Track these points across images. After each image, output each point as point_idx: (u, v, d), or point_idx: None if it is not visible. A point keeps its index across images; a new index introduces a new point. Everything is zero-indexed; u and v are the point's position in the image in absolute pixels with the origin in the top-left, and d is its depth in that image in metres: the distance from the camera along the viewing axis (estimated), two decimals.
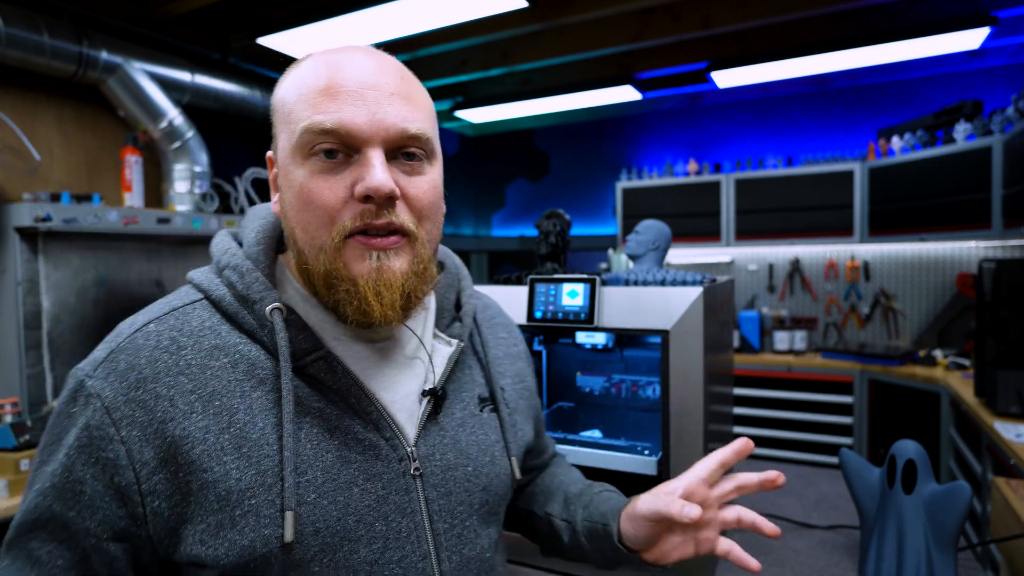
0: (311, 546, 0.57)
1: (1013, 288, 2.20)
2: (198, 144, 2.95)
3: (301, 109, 0.59)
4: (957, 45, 3.06)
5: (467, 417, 0.71)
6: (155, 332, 0.59)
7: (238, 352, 0.60)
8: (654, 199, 4.16)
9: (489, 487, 0.70)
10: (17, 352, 2.33)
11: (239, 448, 0.56)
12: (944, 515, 1.00)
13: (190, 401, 0.56)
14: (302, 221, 0.59)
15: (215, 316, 0.61)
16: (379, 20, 2.68)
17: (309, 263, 0.60)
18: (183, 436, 0.55)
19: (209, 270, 0.64)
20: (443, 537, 0.64)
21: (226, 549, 0.54)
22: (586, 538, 0.78)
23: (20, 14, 2.29)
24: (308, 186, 0.58)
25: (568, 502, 0.82)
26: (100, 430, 0.55)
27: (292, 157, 0.59)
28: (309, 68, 0.61)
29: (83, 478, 0.55)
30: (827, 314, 3.94)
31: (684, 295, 1.08)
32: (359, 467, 0.61)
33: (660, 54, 3.68)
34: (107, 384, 0.56)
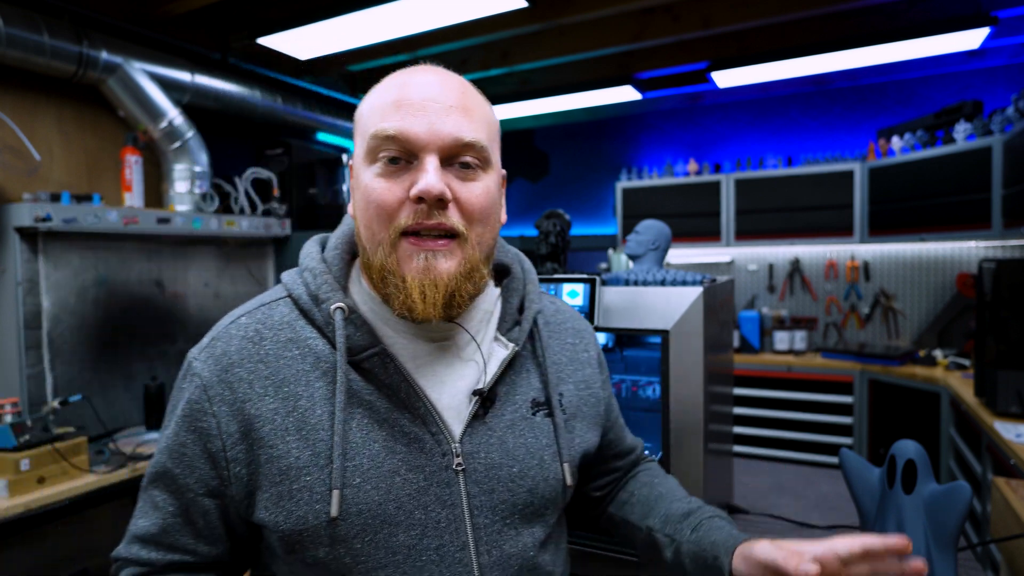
0: (354, 524, 0.63)
1: (1013, 288, 2.20)
2: (198, 144, 2.95)
3: (372, 119, 0.66)
4: (957, 45, 3.06)
5: (517, 420, 0.73)
6: (245, 324, 0.69)
7: (307, 345, 0.68)
8: (654, 199, 4.16)
9: (535, 489, 0.72)
10: (17, 352, 2.33)
11: (300, 430, 0.64)
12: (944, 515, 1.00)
13: (265, 386, 0.65)
14: (365, 218, 0.66)
15: (294, 312, 0.70)
16: (379, 20, 2.68)
17: (369, 258, 0.67)
18: (256, 415, 0.64)
19: (295, 272, 0.73)
20: (483, 531, 0.68)
21: (284, 516, 0.63)
22: (690, 561, 0.76)
23: (20, 14, 2.29)
24: (372, 186, 0.65)
25: (671, 519, 0.82)
26: (198, 404, 0.66)
27: (362, 161, 0.67)
28: (384, 85, 0.68)
29: (186, 442, 0.66)
30: (827, 314, 3.94)
31: (684, 295, 1.08)
32: (403, 458, 0.66)
33: (660, 54, 3.67)
34: (206, 366, 0.67)
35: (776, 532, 1.36)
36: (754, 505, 1.49)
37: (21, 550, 1.92)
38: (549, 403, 0.76)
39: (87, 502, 2.02)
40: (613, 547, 1.17)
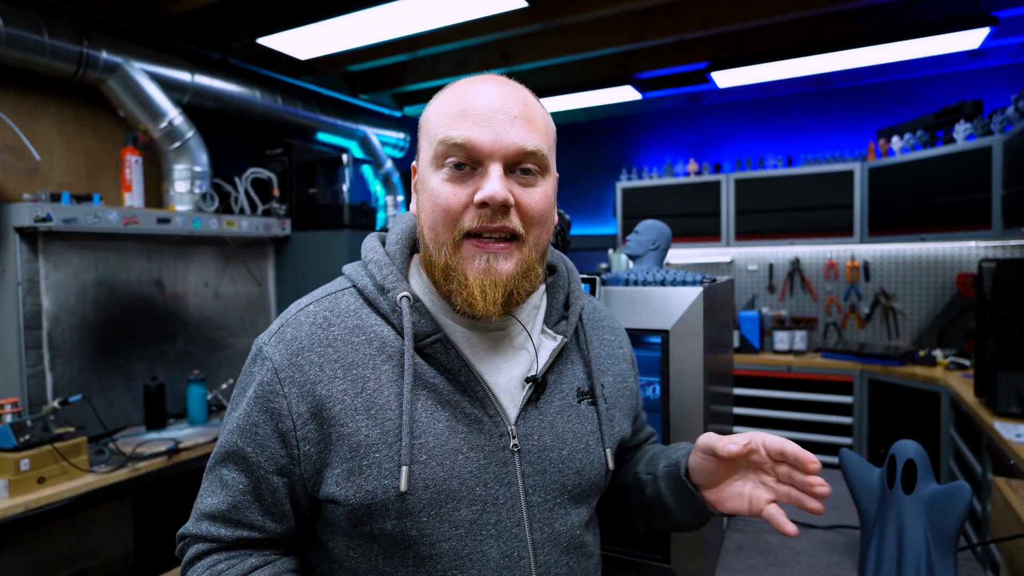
0: (421, 499, 0.67)
1: (1013, 288, 2.20)
2: (198, 144, 2.95)
3: (439, 126, 0.70)
4: (957, 45, 3.06)
5: (565, 407, 0.78)
6: (313, 311, 0.74)
7: (373, 332, 0.72)
8: (654, 199, 4.16)
9: (582, 471, 0.77)
10: (17, 352, 2.33)
11: (368, 410, 0.68)
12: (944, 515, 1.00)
13: (334, 368, 0.70)
14: (431, 219, 0.70)
15: (359, 301, 0.75)
16: (379, 20, 2.68)
17: (433, 257, 0.71)
18: (327, 396, 0.68)
19: (358, 264, 0.78)
20: (536, 509, 0.73)
21: (355, 491, 0.67)
22: (665, 483, 0.83)
23: (20, 14, 2.29)
24: (439, 190, 0.69)
25: (651, 461, 0.89)
26: (270, 386, 0.70)
27: (429, 165, 0.71)
28: (450, 94, 0.72)
29: (258, 422, 0.70)
30: (827, 314, 3.94)
31: (684, 295, 1.08)
32: (464, 437, 0.70)
33: (660, 54, 3.67)
34: (276, 350, 0.71)
35: (776, 532, 1.36)
36: None
37: (21, 550, 1.92)
38: (593, 392, 0.81)
39: (87, 502, 2.02)
40: (620, 549, 1.17)
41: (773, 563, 1.22)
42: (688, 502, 0.80)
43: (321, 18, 2.63)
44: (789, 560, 1.23)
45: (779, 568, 1.20)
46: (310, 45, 2.98)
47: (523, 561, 0.71)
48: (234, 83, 3.15)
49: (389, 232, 0.81)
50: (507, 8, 2.59)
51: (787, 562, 1.22)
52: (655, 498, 0.85)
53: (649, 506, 0.86)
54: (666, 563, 1.11)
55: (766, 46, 3.43)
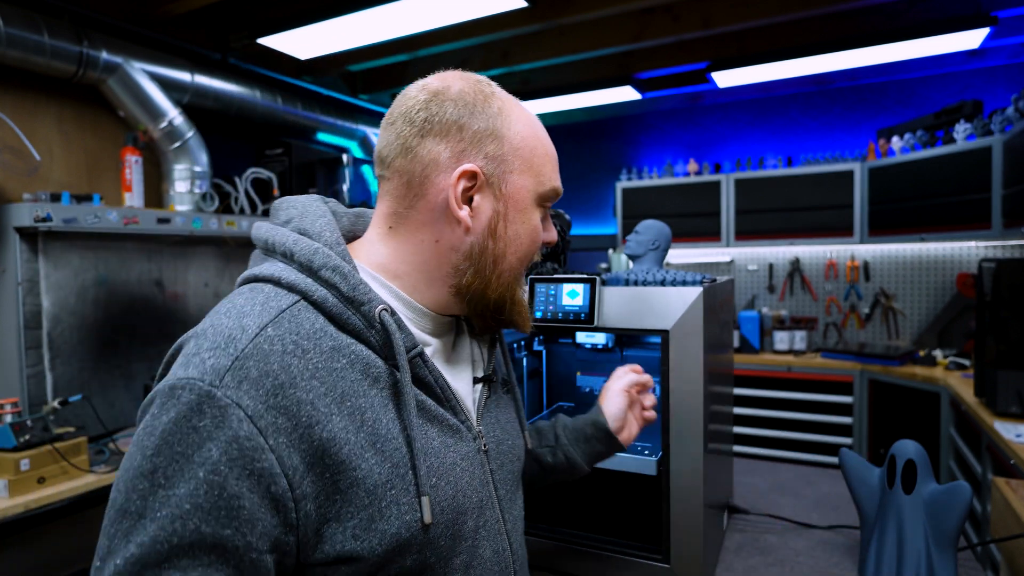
0: (440, 523, 0.64)
1: (1013, 288, 2.20)
2: (198, 144, 2.95)
3: (548, 167, 0.74)
4: (957, 45, 3.06)
5: (499, 398, 0.82)
6: (277, 337, 0.58)
7: (352, 352, 0.62)
8: (654, 199, 4.16)
9: (520, 456, 0.83)
10: (17, 352, 2.33)
11: (374, 444, 0.60)
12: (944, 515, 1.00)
13: (327, 403, 0.58)
14: (522, 253, 0.72)
15: (319, 318, 0.62)
16: (379, 20, 2.68)
17: (489, 286, 0.70)
18: (330, 439, 0.57)
19: (293, 269, 0.64)
20: (503, 501, 0.75)
21: (379, 539, 0.59)
22: (573, 445, 0.99)
23: (20, 14, 2.29)
24: (539, 228, 0.74)
25: (540, 433, 1.01)
26: (251, 440, 0.53)
27: (532, 200, 0.72)
28: (540, 129, 0.74)
29: (239, 492, 0.53)
30: (827, 314, 3.94)
31: (684, 295, 1.08)
32: (454, 449, 0.69)
33: (660, 54, 3.67)
34: (243, 393, 0.54)
35: (776, 532, 1.36)
36: (754, 505, 1.49)
37: (21, 550, 1.92)
38: (509, 381, 0.86)
39: (87, 502, 2.02)
40: (619, 549, 1.17)
41: (773, 563, 1.22)
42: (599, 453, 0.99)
43: (321, 18, 2.63)
44: (789, 560, 1.23)
45: (779, 568, 1.20)
46: (310, 45, 2.98)
47: (505, 553, 0.74)
48: (234, 83, 3.15)
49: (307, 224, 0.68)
50: (507, 8, 2.59)
51: (787, 562, 1.22)
52: (558, 463, 0.98)
53: (545, 472, 0.99)
54: (666, 563, 1.11)
55: (766, 46, 3.43)
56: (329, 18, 2.62)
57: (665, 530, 1.10)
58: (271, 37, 2.87)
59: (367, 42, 3.00)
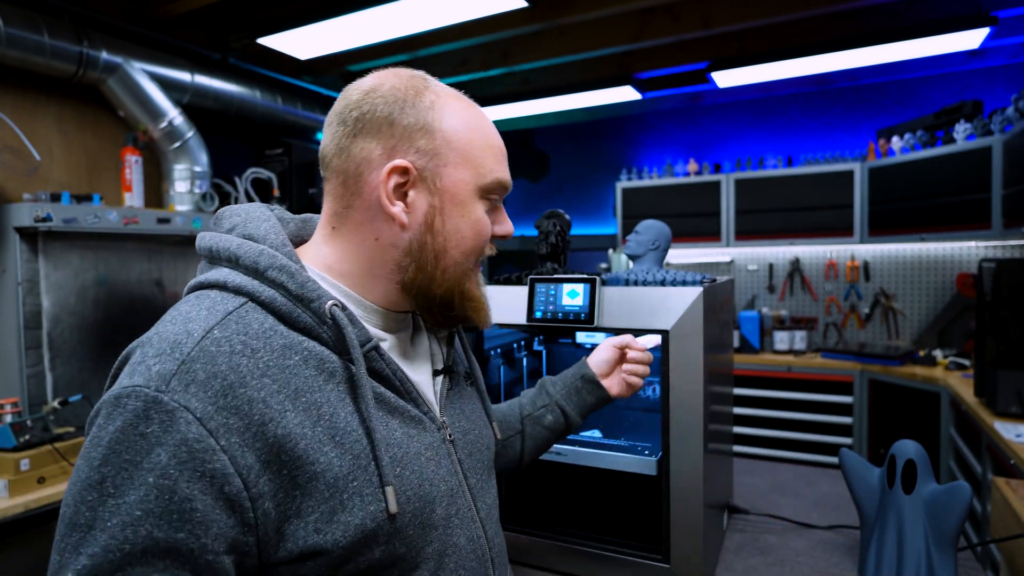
0: (406, 512, 0.64)
1: (1013, 288, 2.20)
2: (198, 144, 2.95)
3: (489, 159, 0.72)
4: (957, 45, 3.06)
5: (462, 390, 0.83)
6: (224, 338, 0.58)
7: (304, 350, 0.63)
8: (654, 199, 4.16)
9: (489, 446, 0.84)
10: (17, 352, 2.33)
11: (333, 438, 0.61)
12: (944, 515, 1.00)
13: (280, 400, 0.59)
14: (465, 246, 0.71)
15: (268, 318, 0.63)
16: (379, 20, 2.68)
17: (435, 281, 0.70)
18: (285, 435, 0.57)
19: (239, 273, 0.65)
20: (475, 489, 0.76)
21: (342, 532, 0.59)
22: (566, 401, 1.04)
23: (20, 14, 2.29)
24: (484, 221, 0.72)
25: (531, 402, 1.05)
26: (200, 442, 0.53)
27: (473, 193, 0.71)
28: (480, 120, 0.73)
29: (191, 495, 0.53)
30: (827, 314, 3.94)
31: (684, 295, 1.08)
32: (418, 439, 0.69)
33: (660, 54, 3.67)
34: (191, 396, 0.54)
35: (776, 532, 1.36)
36: (754, 505, 1.49)
37: (21, 550, 1.92)
38: (472, 374, 0.88)
39: None
40: (619, 549, 1.17)
41: (773, 563, 1.22)
42: (590, 404, 1.04)
43: (321, 18, 2.63)
44: (789, 560, 1.23)
45: (779, 568, 1.20)
46: (310, 45, 2.98)
47: (480, 540, 0.74)
48: (234, 83, 3.15)
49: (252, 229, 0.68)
50: (507, 8, 2.59)
51: (787, 562, 1.22)
52: (554, 422, 1.03)
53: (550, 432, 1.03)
54: (666, 563, 1.11)
55: (766, 46, 3.43)
56: (329, 18, 2.62)
57: (665, 530, 1.10)
58: (271, 37, 2.87)
59: (367, 42, 3.00)
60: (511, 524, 1.27)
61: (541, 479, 1.30)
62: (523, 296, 1.22)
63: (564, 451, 1.23)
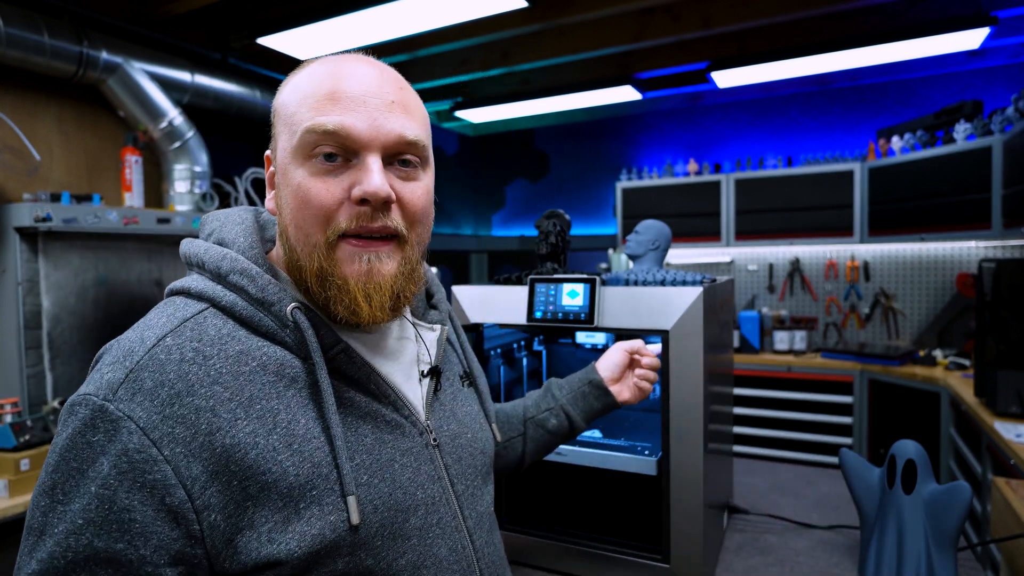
0: (373, 523, 0.61)
1: (1013, 288, 2.20)
2: (198, 144, 2.95)
3: (303, 112, 0.62)
4: (957, 45, 3.06)
5: (456, 392, 0.80)
6: (175, 346, 0.57)
7: (264, 355, 0.61)
8: (654, 199, 4.16)
9: (485, 450, 0.80)
10: (17, 352, 2.33)
11: (290, 446, 0.58)
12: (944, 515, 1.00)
13: (231, 409, 0.57)
14: (297, 219, 0.62)
15: (228, 323, 0.61)
16: (379, 20, 2.68)
17: (301, 261, 0.63)
18: (234, 444, 0.56)
19: (204, 278, 0.64)
20: (463, 497, 0.73)
21: (297, 541, 0.56)
22: (572, 406, 1.01)
23: (20, 14, 2.29)
24: (306, 186, 0.61)
25: (535, 401, 1.03)
26: (141, 452, 0.53)
27: (292, 157, 0.62)
28: (313, 74, 0.64)
29: (130, 506, 0.52)
30: (827, 314, 3.94)
31: (684, 295, 1.08)
32: (393, 444, 0.66)
33: (660, 54, 3.68)
34: (136, 405, 0.54)
35: (776, 532, 1.36)
36: (754, 505, 1.49)
37: None
38: (471, 375, 0.85)
39: None
40: (619, 549, 1.17)
41: (773, 563, 1.22)
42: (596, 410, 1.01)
43: (321, 18, 2.63)
44: (789, 560, 1.23)
45: (779, 568, 1.20)
46: (310, 45, 2.98)
47: (466, 551, 0.71)
48: (234, 83, 3.15)
49: (225, 232, 0.68)
50: (507, 8, 2.59)
51: (787, 562, 1.22)
52: (558, 426, 1.00)
53: (553, 436, 1.01)
54: (666, 563, 1.11)
55: (766, 46, 3.43)
56: (329, 18, 2.62)
57: (665, 530, 1.10)
58: (271, 37, 2.86)
59: (367, 42, 3.00)
60: (511, 524, 1.27)
61: (541, 479, 1.30)
62: (523, 296, 1.22)
63: (564, 451, 1.23)
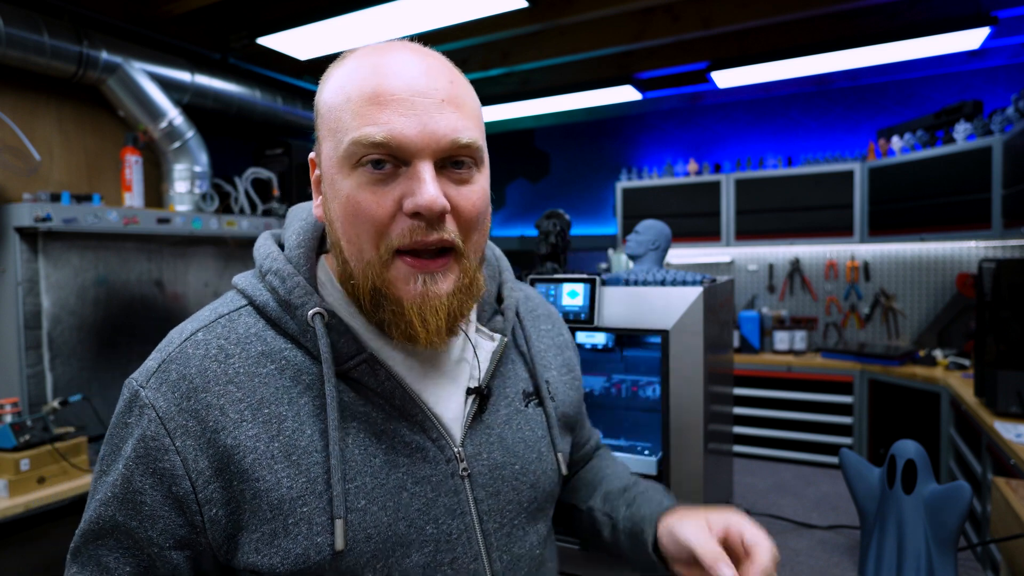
0: (363, 552, 0.57)
1: (1013, 288, 2.20)
2: (198, 144, 2.95)
3: (348, 118, 0.56)
4: (957, 45, 3.06)
5: (512, 414, 0.70)
6: (203, 341, 0.59)
7: (284, 358, 0.60)
8: (654, 199, 4.16)
9: (537, 484, 0.69)
10: (17, 352, 2.33)
11: (289, 456, 0.57)
12: (944, 515, 1.00)
13: (240, 410, 0.57)
14: (348, 233, 0.58)
15: (260, 322, 0.61)
16: (379, 20, 2.68)
17: (355, 276, 0.59)
18: (234, 446, 0.56)
19: (253, 275, 0.64)
20: (493, 537, 0.64)
21: (280, 558, 0.55)
22: (626, 537, 0.76)
23: (20, 14, 2.29)
24: (356, 198, 0.56)
25: (609, 496, 0.81)
26: (156, 440, 0.55)
27: (339, 167, 0.57)
28: (355, 71, 0.58)
29: (142, 488, 0.56)
30: (827, 314, 3.94)
31: (684, 295, 1.08)
32: (407, 470, 0.60)
33: (660, 54, 3.67)
34: (160, 395, 0.57)
35: (776, 532, 1.36)
36: (754, 505, 1.49)
37: (21, 550, 1.92)
38: (539, 392, 0.73)
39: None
40: None
41: None
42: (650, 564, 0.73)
43: (321, 18, 2.63)
44: (789, 560, 1.23)
45: (779, 568, 1.20)
46: (310, 45, 2.98)
47: None
48: (234, 83, 3.15)
49: (286, 229, 0.67)
50: (507, 8, 2.59)
51: (787, 562, 1.22)
52: (612, 544, 0.79)
53: (604, 544, 0.81)
54: None
55: (766, 46, 3.43)
56: (329, 18, 2.62)
57: None
58: (271, 37, 2.86)
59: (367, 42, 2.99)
60: None
61: None
62: None
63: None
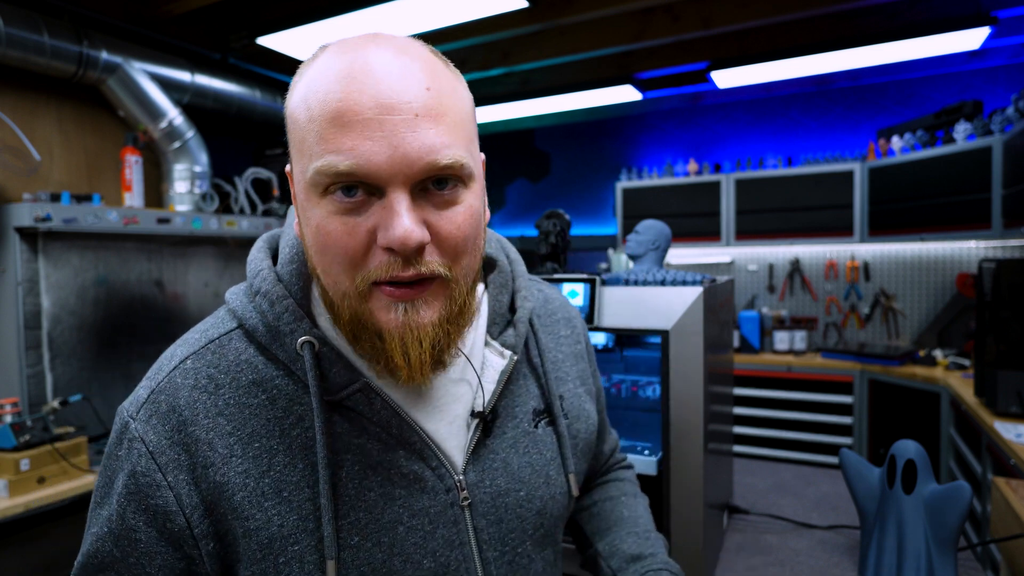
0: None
1: (1013, 288, 2.20)
2: (198, 144, 2.95)
3: (312, 141, 0.49)
4: (957, 45, 3.06)
5: (519, 436, 0.65)
6: (192, 370, 0.56)
7: (275, 387, 0.56)
8: (654, 199, 4.16)
9: (544, 510, 0.65)
10: (17, 352, 2.33)
11: (279, 492, 0.54)
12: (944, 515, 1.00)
13: (229, 444, 0.54)
14: (323, 264, 0.53)
15: (251, 347, 0.58)
16: (379, 20, 2.68)
17: (336, 308, 0.55)
18: (223, 483, 0.53)
19: (244, 292, 0.60)
20: (493, 566, 0.61)
21: None
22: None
23: (20, 14, 2.29)
24: (326, 228, 0.50)
25: (619, 554, 0.76)
26: (147, 476, 0.53)
27: (307, 194, 0.51)
28: (320, 77, 0.50)
29: (136, 526, 0.54)
30: (827, 314, 3.93)
31: (684, 295, 1.08)
32: (403, 503, 0.57)
33: (660, 54, 3.67)
34: (150, 427, 0.54)
35: (776, 532, 1.36)
36: (754, 505, 1.49)
37: (21, 550, 1.92)
38: (551, 411, 0.68)
39: (87, 502, 2.02)
40: None
41: (773, 563, 1.22)
42: None
43: (321, 18, 2.63)
44: (789, 560, 1.23)
45: (779, 568, 1.20)
46: (310, 45, 2.98)
47: None
48: (234, 83, 3.15)
49: (283, 236, 0.62)
50: (507, 8, 2.59)
51: (787, 562, 1.22)
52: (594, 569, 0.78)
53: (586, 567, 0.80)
54: None
55: (766, 46, 3.43)
56: (329, 18, 2.62)
57: (665, 530, 1.10)
58: (271, 37, 2.87)
59: None
60: None
61: None
62: None
63: None
